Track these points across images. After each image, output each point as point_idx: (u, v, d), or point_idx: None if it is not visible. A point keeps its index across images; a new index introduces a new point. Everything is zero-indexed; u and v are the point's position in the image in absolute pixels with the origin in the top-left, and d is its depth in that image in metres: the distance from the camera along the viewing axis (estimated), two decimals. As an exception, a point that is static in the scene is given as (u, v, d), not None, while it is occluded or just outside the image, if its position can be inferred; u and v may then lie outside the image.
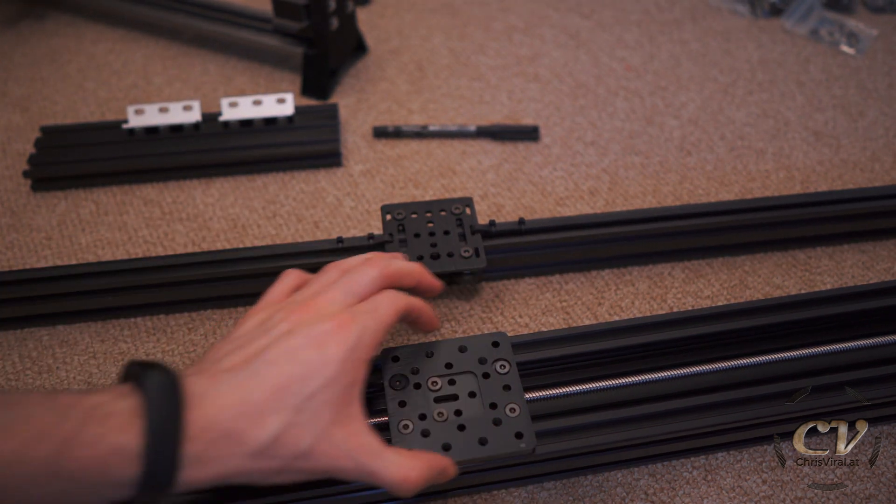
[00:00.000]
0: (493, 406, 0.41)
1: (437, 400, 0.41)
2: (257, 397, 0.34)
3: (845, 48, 0.81)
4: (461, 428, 0.40)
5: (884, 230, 0.61)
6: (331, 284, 0.40)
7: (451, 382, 0.42)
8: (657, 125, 0.72)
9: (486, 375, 0.42)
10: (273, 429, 0.33)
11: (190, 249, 0.60)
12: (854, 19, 0.84)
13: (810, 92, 0.76)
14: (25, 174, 0.64)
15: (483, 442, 0.39)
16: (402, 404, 0.41)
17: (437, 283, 0.45)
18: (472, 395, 0.41)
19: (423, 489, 0.37)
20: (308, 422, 0.34)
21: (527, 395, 0.44)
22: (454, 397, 0.41)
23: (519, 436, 0.40)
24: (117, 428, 0.31)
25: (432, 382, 0.42)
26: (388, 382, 0.42)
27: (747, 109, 0.74)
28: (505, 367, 0.43)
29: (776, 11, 0.85)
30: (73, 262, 0.59)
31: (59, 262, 0.59)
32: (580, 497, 0.46)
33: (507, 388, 0.42)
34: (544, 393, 0.45)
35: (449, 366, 0.43)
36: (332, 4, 0.69)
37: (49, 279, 0.54)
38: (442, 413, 0.40)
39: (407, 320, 0.42)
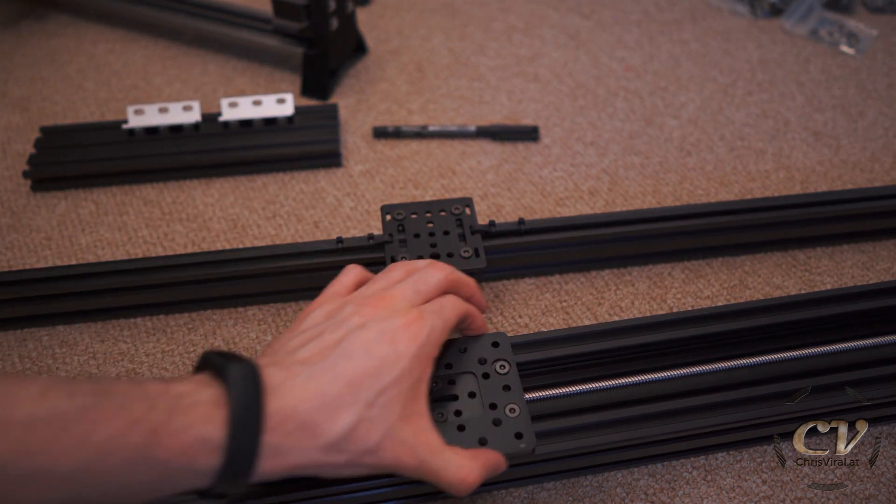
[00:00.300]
0: (493, 406, 0.41)
1: (437, 400, 0.41)
2: (333, 390, 0.34)
3: (845, 48, 0.81)
4: (461, 428, 0.40)
5: (883, 230, 0.61)
6: (398, 282, 0.41)
7: (451, 382, 0.42)
8: (657, 125, 0.72)
9: (485, 376, 0.42)
10: (346, 422, 0.34)
11: (190, 250, 0.60)
12: (854, 19, 0.84)
13: (810, 92, 0.76)
14: (25, 174, 0.64)
15: (483, 442, 0.39)
16: None
17: (485, 302, 0.46)
18: (471, 395, 0.41)
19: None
20: (378, 416, 0.35)
21: (526, 396, 0.44)
22: (454, 397, 0.41)
23: (519, 436, 0.40)
24: (202, 418, 0.31)
25: (432, 382, 0.42)
26: None
27: (747, 110, 0.74)
28: (505, 367, 0.43)
29: (776, 12, 0.85)
30: (73, 262, 0.59)
31: (58, 263, 0.59)
32: (580, 497, 0.46)
33: (506, 388, 0.42)
34: (544, 393, 0.45)
35: (449, 366, 0.43)
36: (332, 5, 0.69)
37: (49, 279, 0.54)
38: (442, 413, 0.40)
39: (461, 325, 0.43)
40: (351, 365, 0.35)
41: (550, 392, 0.45)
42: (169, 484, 0.32)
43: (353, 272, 0.43)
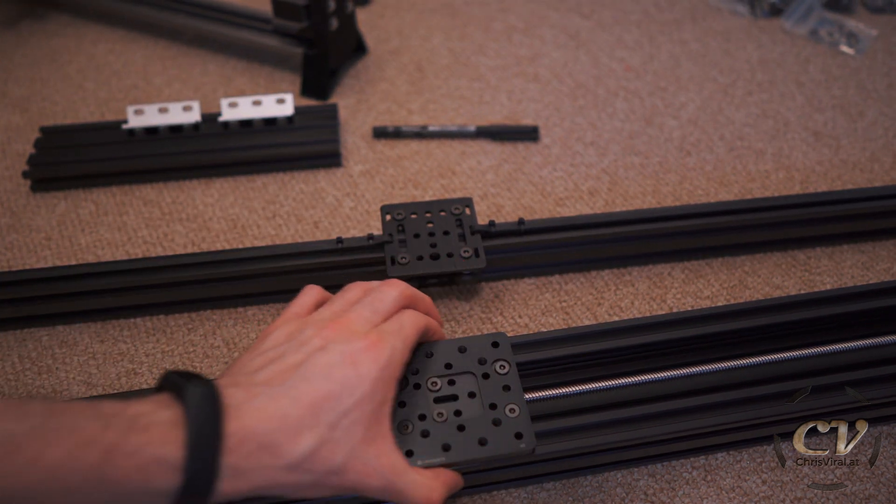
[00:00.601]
0: (493, 406, 0.41)
1: (437, 400, 0.41)
2: (294, 412, 0.34)
3: (845, 48, 0.81)
4: (461, 428, 0.40)
5: (883, 230, 0.61)
6: (356, 302, 0.41)
7: (451, 383, 0.42)
8: (657, 125, 0.72)
9: (485, 376, 0.42)
10: (308, 444, 0.34)
11: (189, 250, 0.60)
12: (853, 19, 0.84)
13: (810, 92, 0.76)
14: (25, 174, 0.64)
15: (483, 442, 0.39)
16: (402, 405, 0.41)
17: (440, 318, 0.46)
18: (471, 395, 0.41)
19: None
20: (341, 438, 0.35)
21: (526, 396, 0.44)
22: (454, 397, 0.41)
23: (519, 436, 0.40)
24: (159, 438, 0.31)
25: (432, 383, 0.42)
26: None
27: (747, 110, 0.74)
28: (504, 367, 0.43)
29: (776, 12, 0.85)
30: (73, 262, 0.59)
31: (58, 263, 0.59)
32: (580, 498, 0.46)
33: (506, 388, 0.42)
34: (544, 393, 0.45)
35: (448, 366, 0.43)
36: (332, 5, 0.69)
37: (49, 280, 0.54)
38: (442, 413, 0.40)
39: (422, 340, 0.43)
40: (312, 388, 0.35)
41: (550, 392, 0.45)
42: None
43: (312, 292, 0.43)
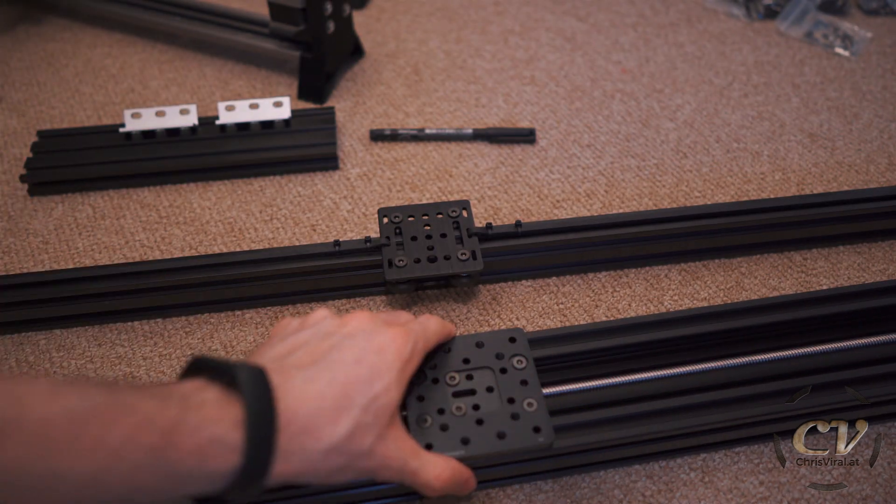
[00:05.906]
0: (511, 401, 0.41)
1: (456, 395, 0.42)
2: (330, 393, 0.35)
3: (840, 50, 0.81)
4: (479, 422, 0.40)
5: (879, 232, 0.61)
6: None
7: (469, 377, 0.42)
8: (653, 128, 0.72)
9: (503, 371, 0.43)
10: (345, 427, 0.35)
11: (187, 253, 0.60)
12: (848, 22, 0.84)
13: (805, 94, 0.76)
14: (22, 178, 0.64)
15: (501, 436, 0.40)
16: (421, 399, 0.41)
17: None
18: (489, 389, 0.42)
19: (445, 493, 0.38)
20: (372, 422, 0.36)
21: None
22: (472, 392, 0.42)
23: (537, 430, 0.40)
24: (213, 416, 0.31)
25: (450, 377, 0.42)
26: None
27: (743, 112, 0.74)
28: (522, 362, 0.43)
29: (771, 14, 0.86)
30: (70, 266, 0.59)
31: (56, 267, 0.59)
32: (577, 500, 0.46)
33: (524, 382, 0.42)
34: (548, 390, 0.45)
35: (466, 361, 0.43)
36: (329, 8, 0.69)
37: (46, 283, 0.54)
38: (460, 407, 0.41)
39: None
40: (344, 371, 0.36)
41: (550, 390, 0.45)
42: (179, 488, 0.31)
43: (324, 310, 0.42)
